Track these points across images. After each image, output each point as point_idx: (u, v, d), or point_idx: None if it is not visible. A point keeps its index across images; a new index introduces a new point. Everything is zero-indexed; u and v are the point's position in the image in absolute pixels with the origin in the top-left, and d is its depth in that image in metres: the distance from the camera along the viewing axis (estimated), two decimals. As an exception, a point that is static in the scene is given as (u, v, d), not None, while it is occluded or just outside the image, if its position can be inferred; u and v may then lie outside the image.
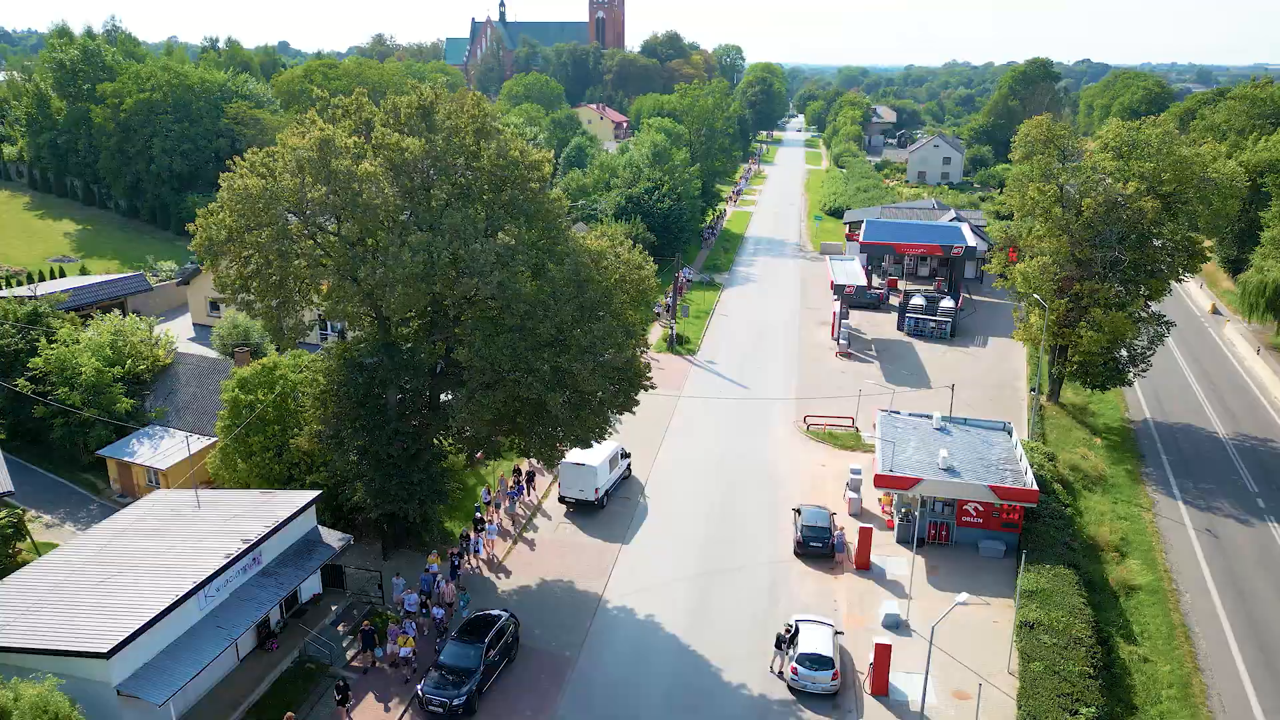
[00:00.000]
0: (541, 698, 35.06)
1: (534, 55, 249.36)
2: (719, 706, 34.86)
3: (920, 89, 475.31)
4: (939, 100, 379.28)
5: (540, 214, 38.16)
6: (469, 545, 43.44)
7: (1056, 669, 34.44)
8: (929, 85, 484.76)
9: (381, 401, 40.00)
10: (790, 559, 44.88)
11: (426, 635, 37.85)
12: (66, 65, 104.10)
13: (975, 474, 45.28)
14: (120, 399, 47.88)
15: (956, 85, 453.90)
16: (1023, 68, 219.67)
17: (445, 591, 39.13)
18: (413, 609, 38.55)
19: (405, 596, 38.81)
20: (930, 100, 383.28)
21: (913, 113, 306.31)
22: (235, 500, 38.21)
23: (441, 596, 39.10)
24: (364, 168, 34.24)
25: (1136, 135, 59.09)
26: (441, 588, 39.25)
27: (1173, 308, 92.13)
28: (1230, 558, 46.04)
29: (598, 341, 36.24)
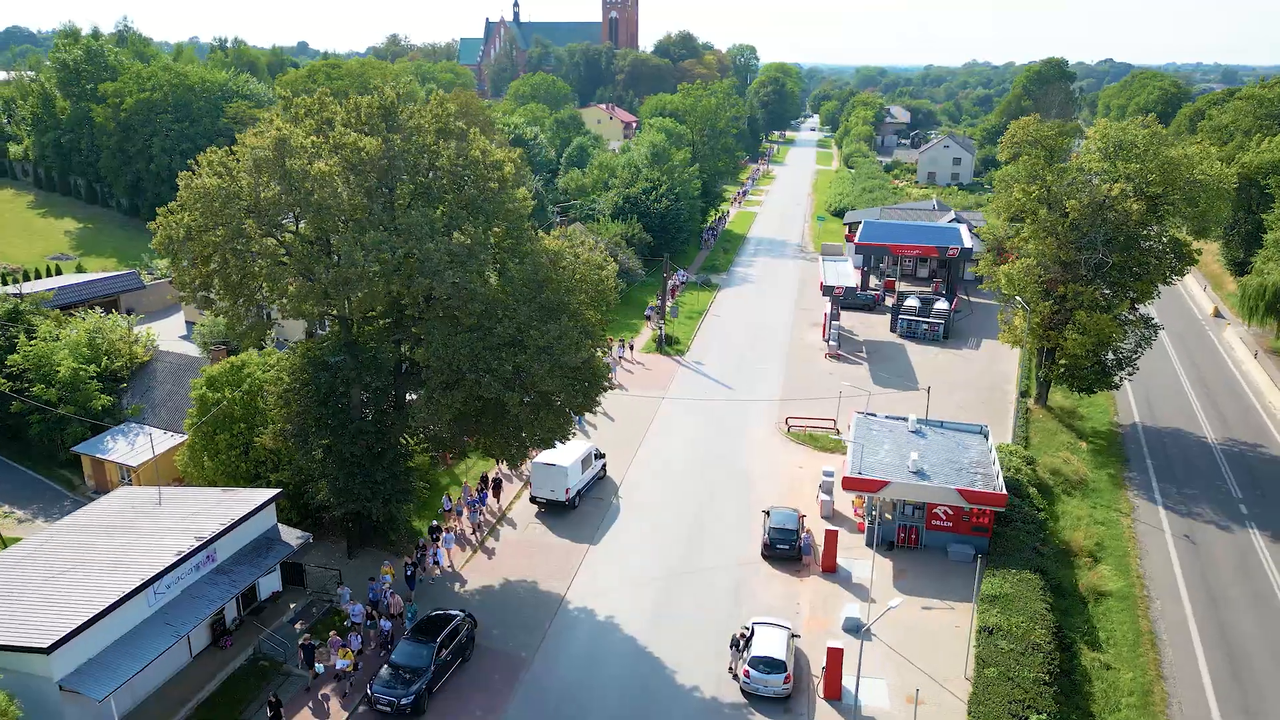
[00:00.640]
0: (493, 698, 35.05)
1: (546, 55, 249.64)
2: (669, 709, 34.73)
3: (938, 89, 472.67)
4: (956, 100, 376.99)
5: (501, 214, 38.12)
6: (425, 555, 42.66)
7: (1011, 675, 34.10)
8: (947, 85, 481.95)
9: (344, 400, 40.14)
10: (758, 561, 44.68)
11: (372, 648, 37.07)
12: (70, 65, 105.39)
13: (945, 477, 44.89)
14: (96, 396, 48.32)
15: (975, 85, 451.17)
16: (1037, 67, 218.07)
17: (392, 603, 38.45)
18: (358, 620, 37.74)
19: (350, 608, 38.02)
20: (948, 100, 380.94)
21: (928, 113, 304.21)
22: (196, 498, 38.44)
23: (389, 608, 38.45)
24: (318, 167, 34.35)
25: (1123, 136, 58.46)
26: (388, 599, 38.60)
27: (1175, 310, 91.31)
28: (1206, 564, 45.44)
29: (554, 342, 36.17)
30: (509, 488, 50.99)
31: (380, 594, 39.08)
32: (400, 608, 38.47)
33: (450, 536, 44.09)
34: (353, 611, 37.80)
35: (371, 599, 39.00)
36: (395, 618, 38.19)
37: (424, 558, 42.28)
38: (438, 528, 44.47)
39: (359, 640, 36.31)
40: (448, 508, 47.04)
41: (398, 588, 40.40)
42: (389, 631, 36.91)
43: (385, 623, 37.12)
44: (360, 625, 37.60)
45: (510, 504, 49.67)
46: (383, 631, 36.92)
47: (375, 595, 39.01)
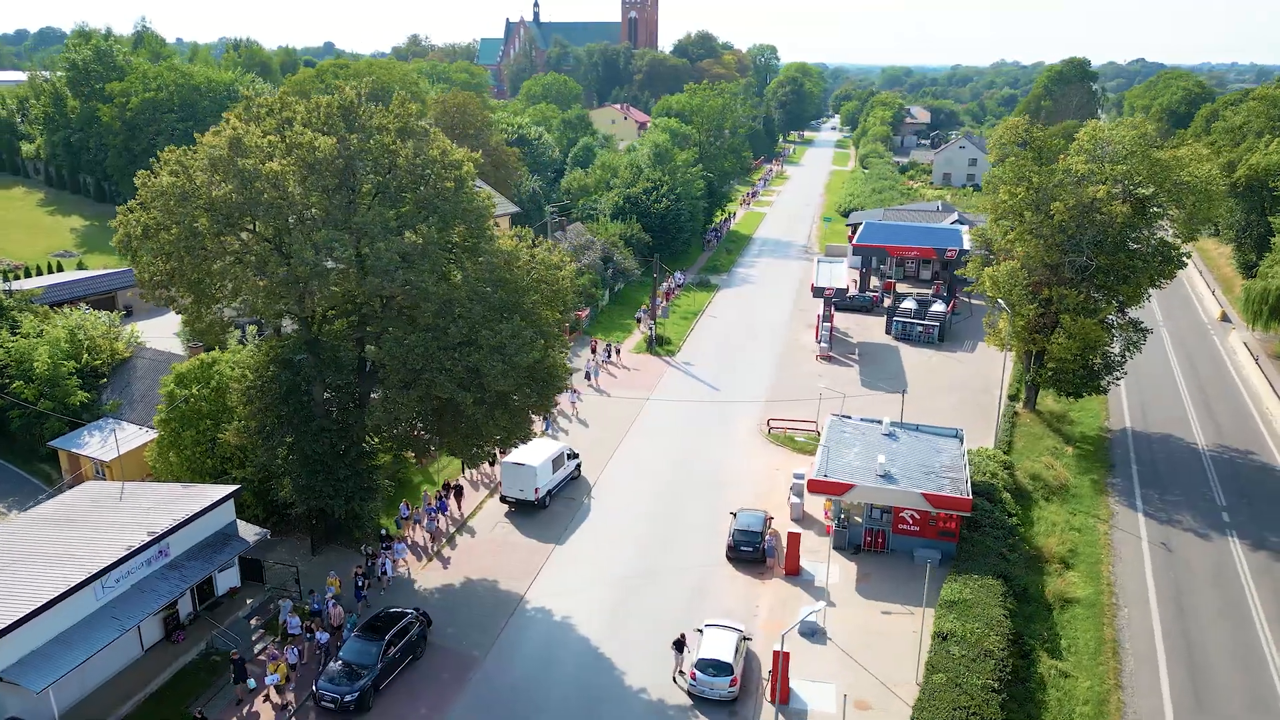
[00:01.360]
0: (440, 697, 35.16)
1: (565, 55, 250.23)
2: (614, 711, 34.67)
3: (964, 89, 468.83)
4: (980, 101, 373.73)
5: (458, 213, 38.20)
6: (374, 566, 41.73)
7: (959, 681, 33.72)
8: (973, 86, 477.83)
9: (306, 399, 40.44)
10: (722, 563, 44.52)
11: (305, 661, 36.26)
12: (79, 65, 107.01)
13: (912, 481, 44.48)
14: (74, 391, 49.00)
15: (1002, 85, 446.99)
16: (1058, 67, 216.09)
17: (333, 614, 37.82)
18: (295, 632, 36.98)
19: (288, 620, 37.17)
20: (972, 101, 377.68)
21: (950, 113, 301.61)
22: (157, 493, 38.87)
23: (329, 620, 37.81)
24: (270, 166, 34.60)
25: (1111, 137, 57.69)
26: (329, 610, 37.93)
27: (1182, 313, 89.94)
28: (1180, 572, 44.72)
29: (507, 341, 36.23)
30: (473, 495, 50.18)
31: (323, 605, 38.36)
32: (341, 619, 37.68)
33: (402, 546, 43.35)
34: (291, 624, 37.00)
35: (314, 609, 38.31)
36: (335, 629, 37.45)
37: (373, 568, 41.43)
38: (389, 537, 43.74)
39: (296, 653, 35.57)
40: (405, 515, 46.27)
41: (346, 598, 39.78)
42: (326, 644, 36.15)
43: (323, 635, 36.35)
44: (299, 637, 36.79)
45: (473, 512, 48.79)
46: (320, 644, 36.12)
47: (317, 606, 38.33)
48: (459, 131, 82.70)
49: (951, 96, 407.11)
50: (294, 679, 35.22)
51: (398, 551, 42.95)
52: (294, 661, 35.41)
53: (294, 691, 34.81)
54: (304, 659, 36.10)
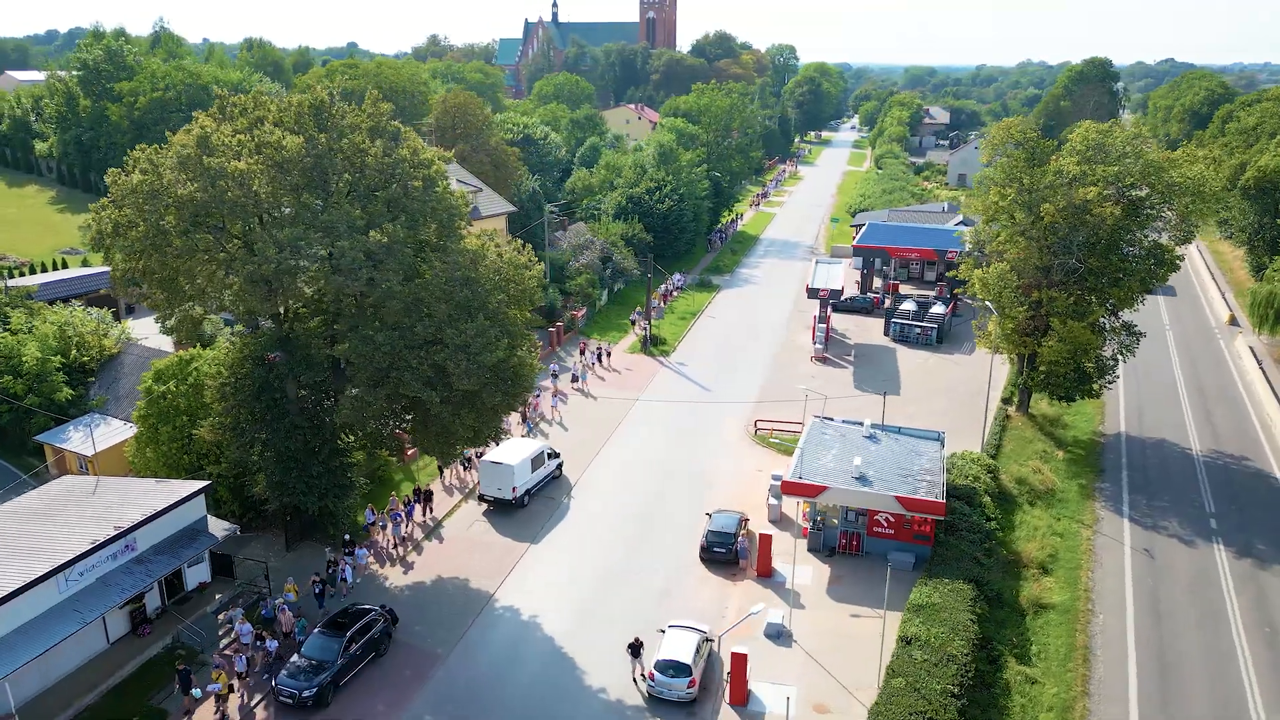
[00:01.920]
0: (400, 693, 35.32)
1: (583, 55, 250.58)
2: (572, 709, 34.70)
3: (988, 89, 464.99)
4: (1003, 101, 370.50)
5: (427, 212, 38.35)
6: (335, 572, 41.02)
7: (918, 686, 33.47)
8: (997, 86, 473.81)
9: (279, 396, 40.74)
10: (695, 564, 44.44)
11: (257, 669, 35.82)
12: (89, 64, 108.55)
13: (887, 484, 44.17)
14: (60, 387, 49.66)
15: (1027, 85, 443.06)
16: (1079, 67, 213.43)
17: (283, 621, 37.38)
18: (246, 640, 36.36)
19: (239, 628, 36.64)
20: (995, 101, 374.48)
21: (972, 113, 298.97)
22: (130, 488, 39.29)
23: (279, 626, 37.38)
24: (235, 165, 34.91)
25: (1105, 139, 57.02)
26: (280, 617, 37.50)
27: (1191, 316, 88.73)
28: (1160, 579, 44.14)
29: (471, 340, 36.34)
30: (447, 499, 49.73)
31: (273, 611, 37.87)
32: (291, 625, 37.21)
33: (363, 552, 42.79)
34: (241, 631, 36.42)
35: (265, 615, 37.94)
36: (285, 636, 37.00)
37: (334, 575, 40.89)
38: (351, 543, 42.98)
39: (244, 661, 35.04)
40: (370, 520, 45.58)
41: (306, 605, 39.39)
42: (275, 651, 35.84)
43: (272, 643, 35.97)
44: (249, 645, 36.21)
45: (446, 514, 48.35)
46: (269, 652, 35.83)
47: (269, 613, 37.93)
48: (459, 131, 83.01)
49: (974, 97, 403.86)
50: (241, 687, 34.74)
51: (359, 557, 42.34)
52: (241, 669, 34.82)
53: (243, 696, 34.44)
54: (254, 667, 35.54)
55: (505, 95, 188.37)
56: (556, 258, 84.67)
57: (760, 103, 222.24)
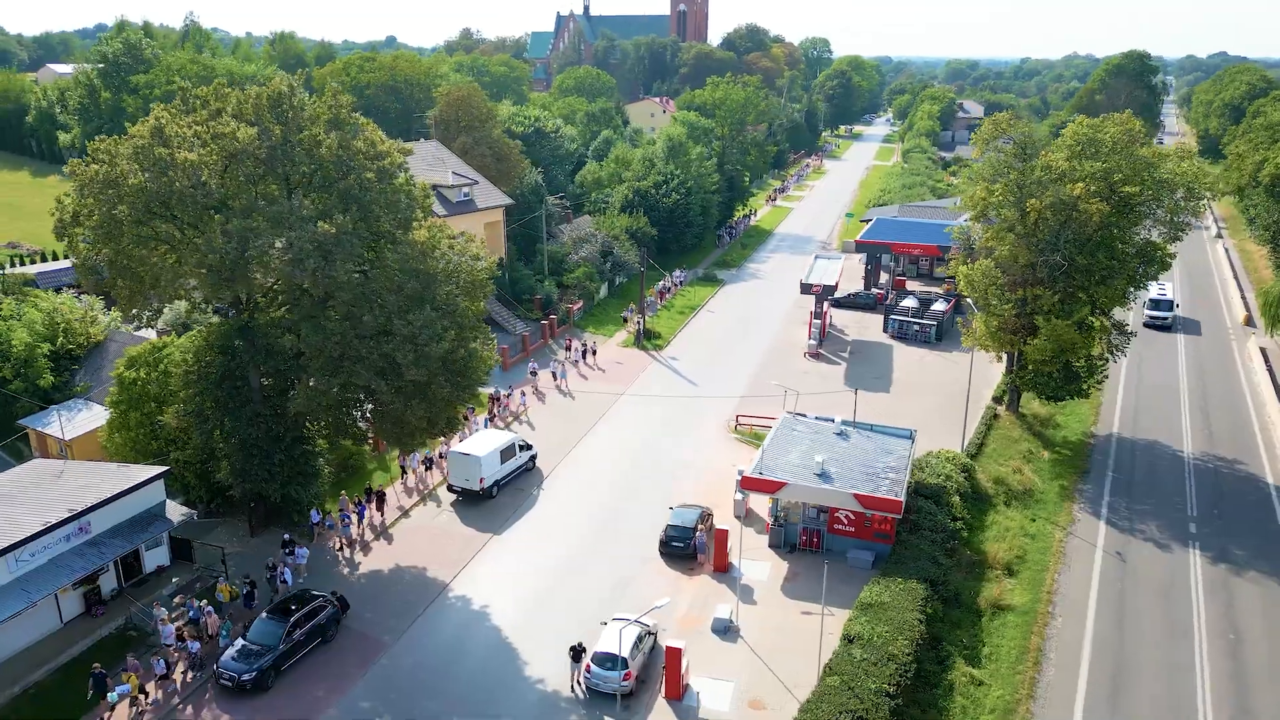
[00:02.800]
0: (341, 679, 35.77)
1: (613, 48, 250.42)
2: (508, 699, 34.92)
3: (1030, 82, 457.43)
4: (1043, 95, 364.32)
5: (380, 204, 38.66)
6: (274, 575, 40.16)
7: (853, 684, 33.22)
8: (1039, 79, 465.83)
9: (241, 384, 41.40)
10: (654, 557, 44.43)
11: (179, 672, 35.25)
12: (109, 57, 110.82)
13: (849, 481, 43.80)
14: (45, 373, 50.85)
15: (1070, 79, 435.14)
16: (1117, 60, 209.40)
17: (209, 623, 36.90)
18: (168, 642, 35.81)
19: (162, 629, 36.05)
20: (1035, 95, 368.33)
21: (1009, 107, 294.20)
22: (94, 472, 40.14)
23: (204, 629, 36.82)
24: (185, 156, 35.47)
25: (1096, 134, 55.93)
26: (205, 619, 37.00)
27: (1207, 315, 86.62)
28: (1129, 582, 43.33)
29: (419, 331, 36.63)
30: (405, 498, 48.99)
31: (200, 613, 37.29)
32: (216, 628, 36.75)
33: (304, 552, 41.70)
34: (164, 633, 35.90)
35: (191, 617, 37.26)
36: (210, 638, 36.60)
37: (273, 578, 40.02)
38: (291, 542, 42.02)
39: (162, 664, 34.42)
40: (316, 520, 44.63)
41: (236, 607, 39.02)
42: (197, 652, 35.46)
43: (194, 644, 35.53)
44: (170, 648, 35.72)
45: (396, 520, 47.20)
46: (191, 654, 35.41)
47: (195, 614, 37.28)
48: (463, 124, 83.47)
49: (1015, 90, 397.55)
50: (157, 690, 34.34)
51: (299, 557, 41.47)
52: (161, 672, 34.36)
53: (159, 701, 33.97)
54: (172, 670, 35.03)
55: (530, 88, 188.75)
56: (556, 251, 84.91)
57: (788, 96, 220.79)
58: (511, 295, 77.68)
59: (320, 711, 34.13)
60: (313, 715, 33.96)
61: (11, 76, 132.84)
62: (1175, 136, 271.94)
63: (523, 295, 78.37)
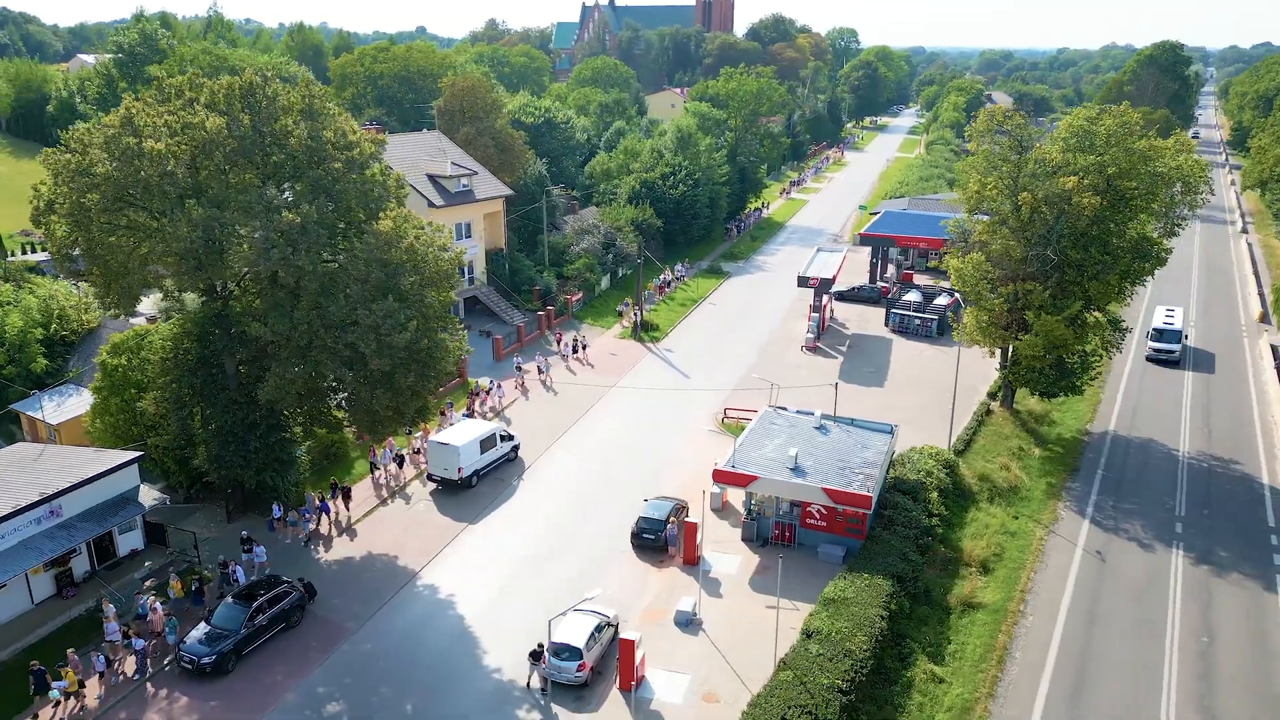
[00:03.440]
0: (300, 664, 36.16)
1: (636, 39, 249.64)
2: (463, 687, 35.13)
3: (1065, 73, 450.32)
4: (1077, 86, 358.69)
5: (349, 193, 38.89)
6: (226, 573, 39.72)
7: (805, 680, 33.07)
8: (1074, 70, 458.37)
9: (216, 371, 41.92)
10: (627, 549, 44.46)
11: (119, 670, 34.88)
12: (125, 48, 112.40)
13: (822, 476, 43.54)
14: (38, 358, 51.79)
15: (1107, 69, 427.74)
16: (1149, 51, 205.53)
17: (154, 620, 36.42)
18: (113, 638, 35.44)
19: (106, 626, 35.63)
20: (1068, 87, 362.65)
21: (1042, 99, 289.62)
22: (71, 457, 40.83)
23: (150, 626, 36.41)
24: (152, 145, 35.87)
25: (1092, 127, 54.97)
26: (152, 616, 36.56)
27: (1222, 312, 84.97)
28: (1106, 582, 42.71)
29: (382, 321, 36.86)
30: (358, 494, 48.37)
31: (148, 609, 36.88)
32: (161, 625, 36.28)
33: (261, 550, 41.11)
34: (108, 630, 35.49)
35: (140, 613, 36.89)
36: (156, 636, 36.18)
37: (225, 575, 39.75)
38: (250, 539, 41.50)
39: (103, 662, 33.92)
40: (277, 516, 44.30)
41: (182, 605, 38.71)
42: (143, 650, 34.91)
43: (138, 641, 34.94)
44: (115, 644, 35.38)
45: (363, 516, 46.68)
46: (136, 651, 34.83)
47: (144, 610, 36.86)
48: (467, 114, 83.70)
49: (1050, 81, 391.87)
50: (102, 686, 33.96)
51: (257, 556, 40.95)
52: (101, 669, 33.89)
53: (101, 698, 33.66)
54: (114, 667, 34.75)
55: (552, 79, 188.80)
56: (557, 242, 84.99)
57: (812, 87, 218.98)
58: (511, 286, 77.92)
59: (277, 695, 34.55)
60: (270, 699, 34.39)
61: (34, 66, 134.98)
62: (1210, 129, 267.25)
63: (522, 286, 78.57)
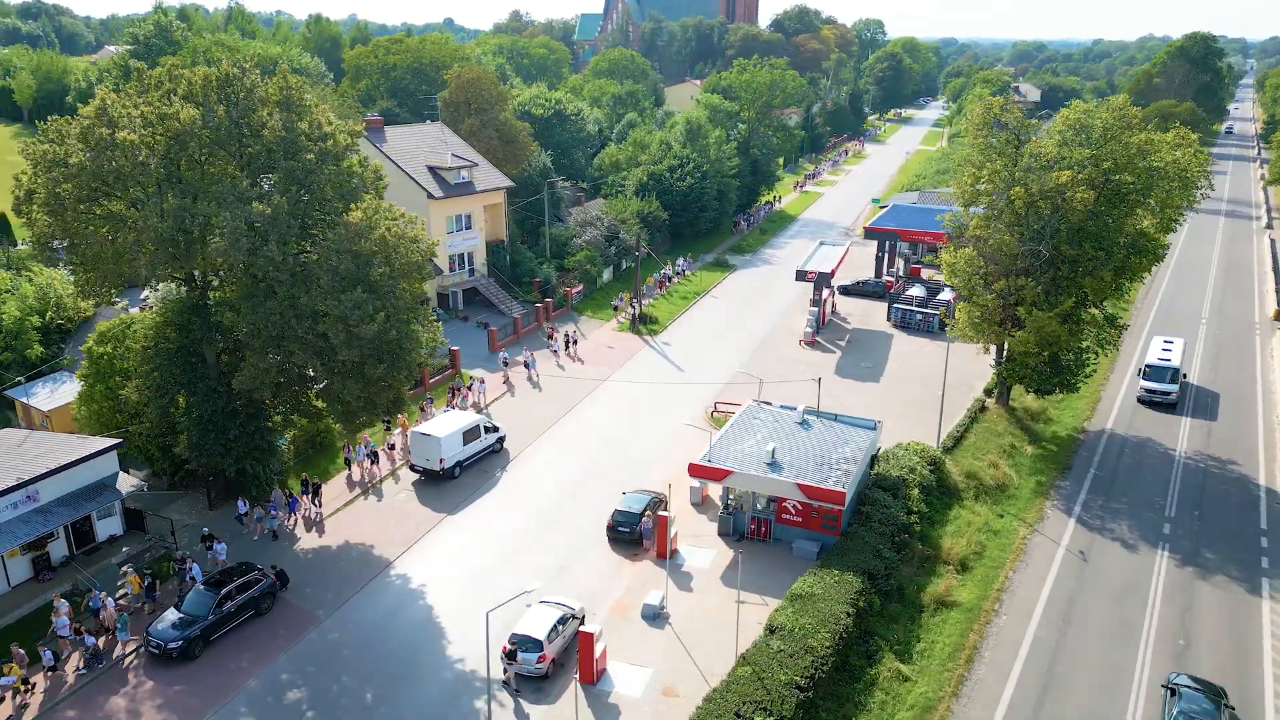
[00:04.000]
0: (267, 651, 36.52)
1: (660, 30, 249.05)
2: (424, 677, 35.33)
3: (1100, 65, 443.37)
4: (1110, 78, 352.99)
5: (323, 184, 39.09)
6: (183, 569, 39.54)
7: (763, 675, 32.93)
8: (1109, 61, 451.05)
9: (196, 359, 42.37)
10: (603, 542, 44.47)
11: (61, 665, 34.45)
12: (140, 39, 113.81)
13: (798, 471, 43.27)
14: (34, 345, 52.63)
15: (1142, 61, 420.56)
16: (1180, 42, 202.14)
17: (106, 615, 36.08)
18: (63, 633, 35.26)
19: (55, 621, 35.46)
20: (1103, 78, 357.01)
21: (1071, 91, 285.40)
22: (52, 443, 41.42)
23: (101, 622, 36.15)
24: (124, 136, 36.26)
25: (1088, 120, 54.12)
26: (103, 612, 36.16)
27: (1236, 308, 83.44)
28: (1086, 583, 42.13)
29: (350, 312, 37.05)
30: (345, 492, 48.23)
31: (99, 603, 36.54)
32: (113, 621, 36.08)
33: (222, 547, 40.88)
34: (57, 625, 35.37)
35: (92, 608, 36.65)
36: (108, 632, 36.02)
37: (182, 571, 39.55)
38: (210, 536, 41.39)
39: (51, 656, 33.89)
40: (243, 511, 44.07)
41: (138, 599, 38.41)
42: (93, 646, 34.73)
43: (89, 638, 34.79)
44: (67, 639, 35.30)
45: (334, 512, 46.33)
46: (88, 646, 34.62)
47: (96, 604, 36.54)
48: (473, 106, 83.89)
49: (1083, 73, 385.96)
50: (46, 680, 33.86)
51: (218, 553, 40.78)
52: (50, 664, 33.84)
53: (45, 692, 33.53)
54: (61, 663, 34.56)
55: (571, 70, 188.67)
56: (560, 234, 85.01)
57: (834, 79, 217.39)
58: (512, 278, 78.08)
59: (240, 682, 34.92)
60: (233, 685, 34.77)
61: (55, 58, 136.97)
62: (1246, 122, 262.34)
63: (523, 278, 78.70)
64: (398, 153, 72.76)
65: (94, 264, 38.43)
